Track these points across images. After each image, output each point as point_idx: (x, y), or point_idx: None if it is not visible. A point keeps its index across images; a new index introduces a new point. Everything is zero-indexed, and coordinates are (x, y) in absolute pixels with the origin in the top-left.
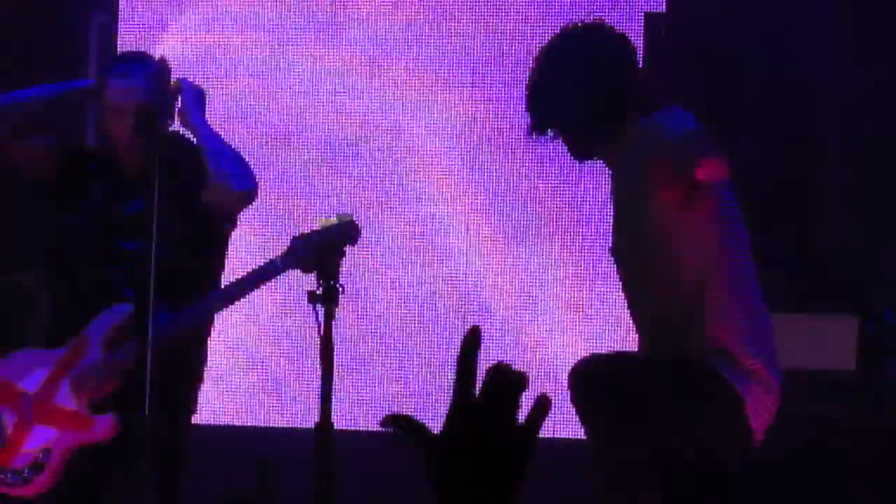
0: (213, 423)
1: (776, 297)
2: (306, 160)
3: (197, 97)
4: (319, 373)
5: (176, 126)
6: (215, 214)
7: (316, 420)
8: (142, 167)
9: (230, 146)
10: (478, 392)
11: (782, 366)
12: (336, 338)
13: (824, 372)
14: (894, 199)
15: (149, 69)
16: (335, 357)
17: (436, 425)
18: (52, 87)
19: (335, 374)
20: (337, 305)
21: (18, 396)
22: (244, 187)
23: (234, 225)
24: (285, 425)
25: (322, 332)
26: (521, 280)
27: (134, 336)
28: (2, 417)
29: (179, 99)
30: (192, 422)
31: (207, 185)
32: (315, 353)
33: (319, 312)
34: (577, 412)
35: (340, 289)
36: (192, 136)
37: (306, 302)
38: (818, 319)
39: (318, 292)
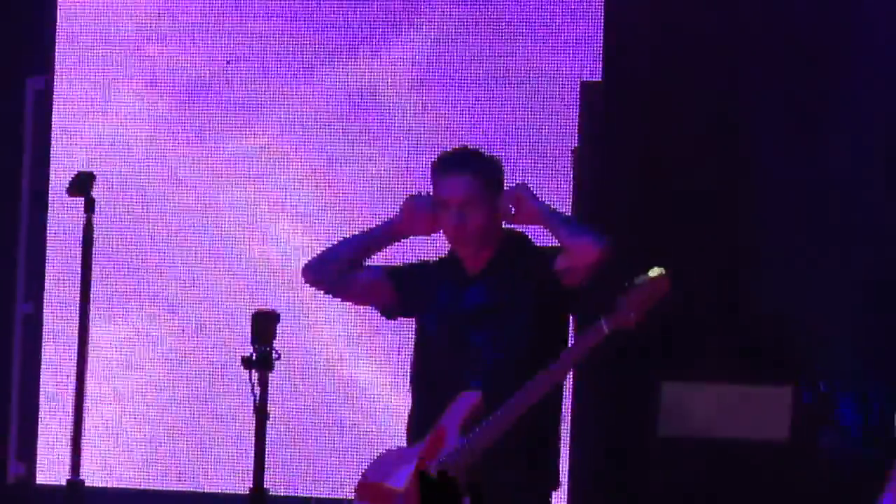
0: (138, 486)
1: (711, 366)
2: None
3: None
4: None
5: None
6: (570, 278)
7: (250, 485)
8: (481, 260)
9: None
10: None
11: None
12: (271, 402)
13: (757, 441)
14: (826, 267)
15: (478, 164)
16: (269, 422)
17: None
18: (373, 229)
19: (269, 438)
20: (271, 370)
21: (391, 496)
22: (602, 242)
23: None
24: (219, 490)
25: (256, 397)
26: None
27: (485, 418)
28: None
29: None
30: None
31: (563, 251)
32: (250, 417)
33: (254, 377)
34: None
35: (276, 354)
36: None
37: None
38: (752, 389)
39: (252, 358)
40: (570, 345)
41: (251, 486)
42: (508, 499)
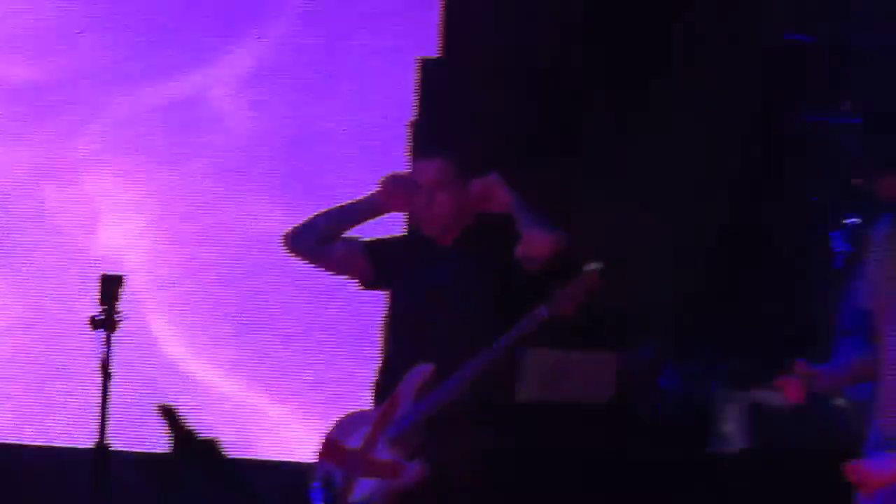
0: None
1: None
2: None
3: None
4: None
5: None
6: (525, 265)
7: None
8: (448, 240)
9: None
10: None
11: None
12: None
13: (584, 404)
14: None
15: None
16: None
17: None
18: (352, 203)
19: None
20: (114, 331)
21: (345, 454)
22: (555, 235)
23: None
24: (64, 445)
25: (101, 356)
26: None
27: (434, 389)
28: (334, 475)
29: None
30: None
31: (520, 240)
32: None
33: (101, 337)
34: None
35: (119, 315)
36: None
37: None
38: (580, 356)
39: (98, 318)
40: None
41: (95, 441)
42: (448, 465)
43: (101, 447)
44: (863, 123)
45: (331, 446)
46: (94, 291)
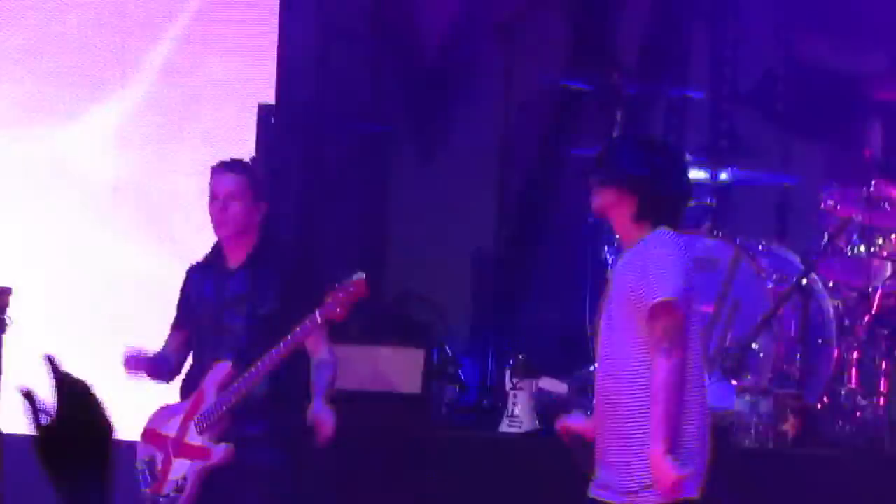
0: None
1: (355, 334)
2: None
3: None
4: None
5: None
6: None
7: None
8: (241, 253)
9: None
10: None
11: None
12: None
13: (395, 394)
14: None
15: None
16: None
17: None
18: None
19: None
20: (4, 333)
21: (164, 440)
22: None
23: None
24: None
25: None
26: None
27: (233, 383)
28: (155, 458)
29: None
30: None
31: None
32: None
33: None
34: None
35: (9, 320)
36: None
37: None
38: (391, 351)
39: None
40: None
41: None
42: (249, 447)
43: None
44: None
45: (150, 433)
46: None
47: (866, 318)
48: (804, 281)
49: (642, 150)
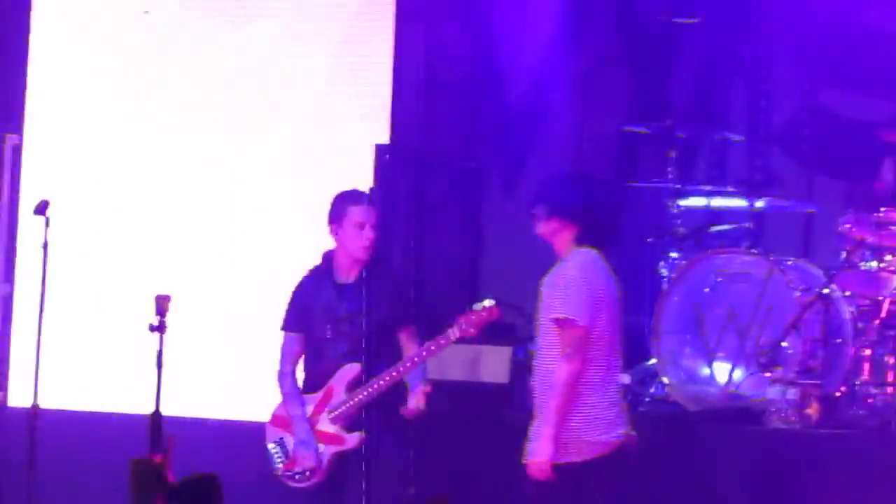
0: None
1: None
2: None
3: None
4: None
5: None
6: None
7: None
8: (355, 272)
9: None
10: None
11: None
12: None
13: (487, 384)
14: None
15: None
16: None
17: None
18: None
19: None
20: (164, 333)
21: (293, 425)
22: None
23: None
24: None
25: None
26: None
27: (363, 386)
28: (285, 440)
29: None
30: None
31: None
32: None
33: (155, 338)
34: None
35: (168, 325)
36: None
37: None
38: (484, 349)
39: (154, 324)
40: (424, 344)
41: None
42: (373, 439)
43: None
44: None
45: (279, 419)
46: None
47: (877, 322)
48: (825, 291)
49: (581, 185)
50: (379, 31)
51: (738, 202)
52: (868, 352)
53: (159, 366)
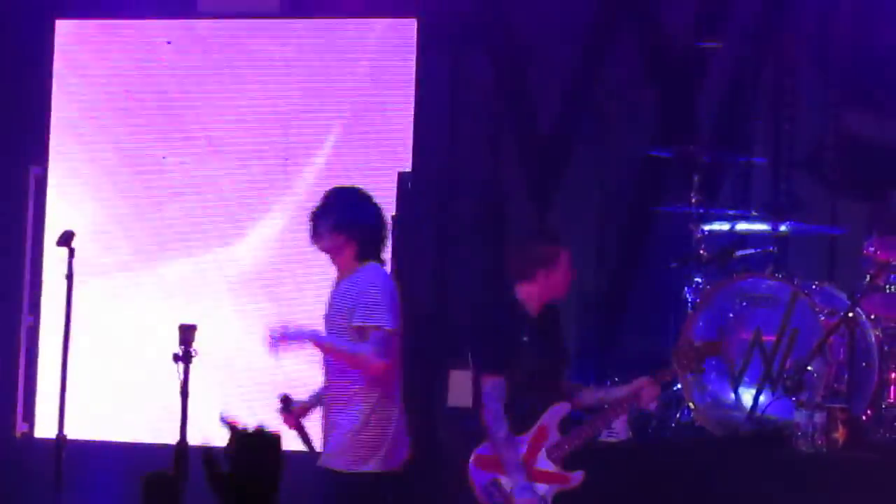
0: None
1: None
2: None
3: None
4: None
5: None
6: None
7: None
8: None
9: None
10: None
11: None
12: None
13: None
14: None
15: None
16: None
17: None
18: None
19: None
20: (190, 363)
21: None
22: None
23: None
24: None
25: (181, 379)
26: None
27: (580, 425)
28: (499, 479)
29: None
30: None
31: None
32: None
33: (179, 368)
34: None
35: (194, 352)
36: None
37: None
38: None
39: (177, 355)
40: (645, 378)
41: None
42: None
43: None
44: None
45: (484, 459)
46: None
47: None
48: (850, 314)
49: (362, 202)
50: (402, 58)
51: (763, 226)
52: (894, 375)
53: (184, 395)
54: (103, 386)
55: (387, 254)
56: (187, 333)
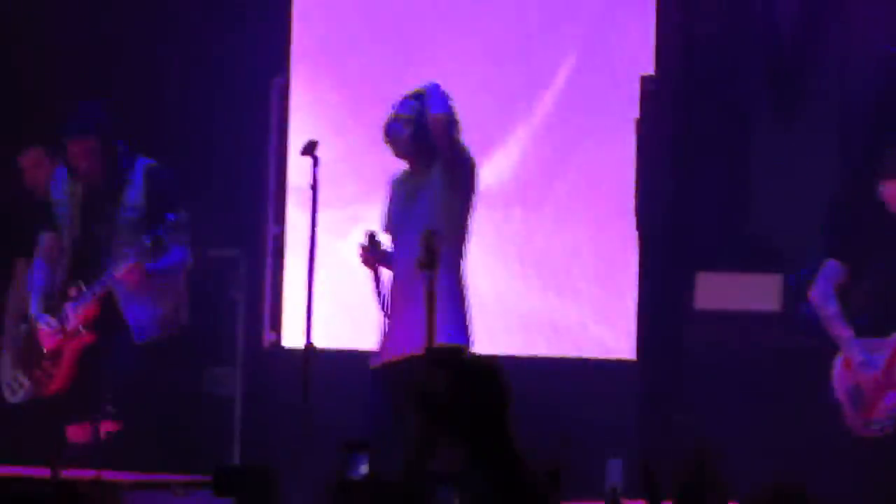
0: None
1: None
2: None
3: None
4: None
5: None
6: None
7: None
8: None
9: None
10: None
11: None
12: None
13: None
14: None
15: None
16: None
17: None
18: None
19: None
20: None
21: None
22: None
23: None
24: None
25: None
26: None
27: None
28: (861, 386)
29: None
30: None
31: None
32: None
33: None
34: None
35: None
36: None
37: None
38: (754, 277)
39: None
40: None
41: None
42: None
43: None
44: None
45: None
46: None
47: None
48: None
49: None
50: None
51: None
52: None
53: (430, 302)
54: (348, 296)
55: None
56: (430, 239)
